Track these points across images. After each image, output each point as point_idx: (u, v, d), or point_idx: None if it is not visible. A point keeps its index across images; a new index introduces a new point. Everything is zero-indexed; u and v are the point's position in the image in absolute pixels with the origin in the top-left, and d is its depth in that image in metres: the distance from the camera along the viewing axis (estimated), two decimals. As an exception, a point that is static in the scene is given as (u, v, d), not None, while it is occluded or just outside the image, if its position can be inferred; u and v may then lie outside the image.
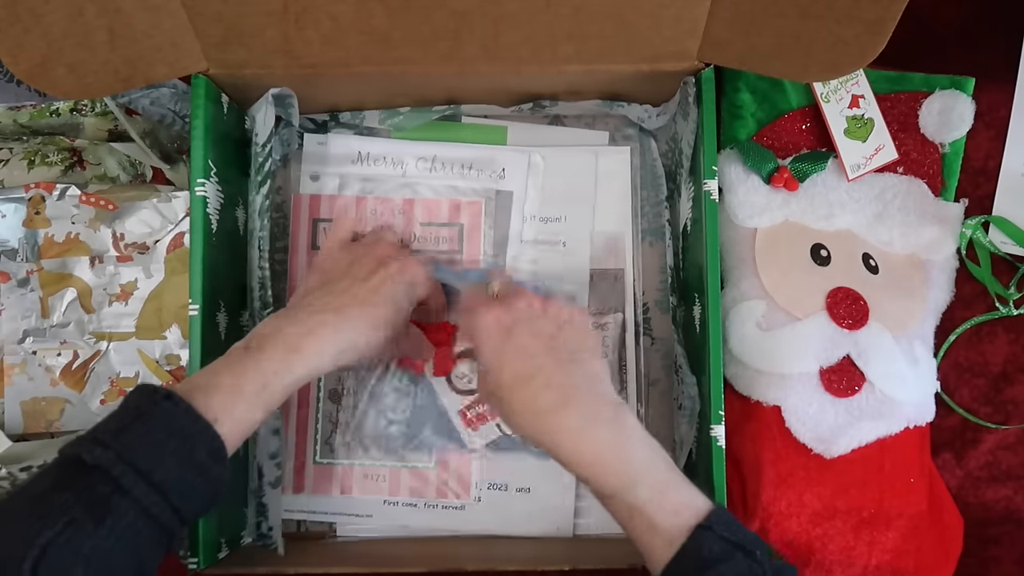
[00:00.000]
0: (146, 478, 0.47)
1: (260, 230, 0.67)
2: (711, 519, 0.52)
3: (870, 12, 0.54)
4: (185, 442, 0.49)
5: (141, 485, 0.47)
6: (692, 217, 0.69)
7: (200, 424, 0.50)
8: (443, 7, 0.58)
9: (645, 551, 0.54)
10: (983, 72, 0.74)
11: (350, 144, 0.75)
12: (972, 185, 0.77)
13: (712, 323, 0.64)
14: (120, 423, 0.49)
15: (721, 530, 0.52)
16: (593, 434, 0.55)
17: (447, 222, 0.75)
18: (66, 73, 0.57)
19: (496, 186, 0.75)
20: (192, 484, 0.49)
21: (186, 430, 0.50)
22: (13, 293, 0.73)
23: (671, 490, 0.54)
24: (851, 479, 0.68)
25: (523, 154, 0.75)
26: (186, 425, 0.50)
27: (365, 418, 0.73)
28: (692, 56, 0.63)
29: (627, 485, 0.54)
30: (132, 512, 0.47)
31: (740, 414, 0.69)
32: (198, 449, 0.50)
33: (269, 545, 0.69)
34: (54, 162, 0.75)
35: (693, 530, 0.52)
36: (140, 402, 0.50)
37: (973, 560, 0.74)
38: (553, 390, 0.56)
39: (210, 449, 0.50)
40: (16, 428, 0.73)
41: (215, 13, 0.58)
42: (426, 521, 0.73)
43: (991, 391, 0.76)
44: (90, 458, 0.47)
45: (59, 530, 0.44)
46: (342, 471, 0.73)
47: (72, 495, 0.46)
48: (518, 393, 0.56)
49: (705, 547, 0.51)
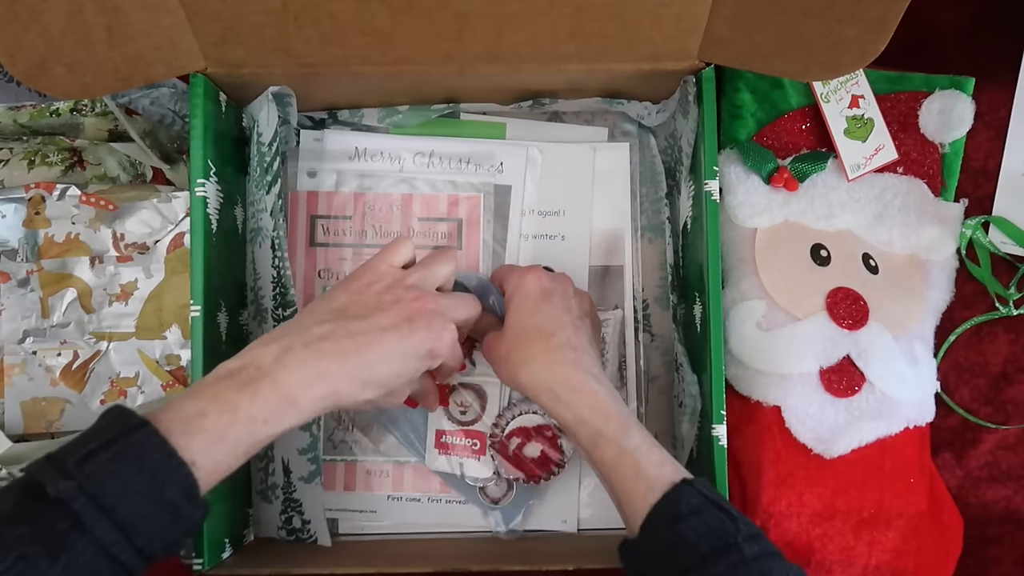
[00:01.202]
0: (109, 515, 0.45)
1: (274, 229, 0.67)
2: (694, 479, 0.55)
3: (872, 11, 0.54)
4: (155, 479, 0.46)
5: (103, 523, 0.44)
6: (692, 215, 0.69)
7: (174, 462, 0.47)
8: (446, 8, 0.58)
9: (626, 497, 0.56)
10: (983, 72, 0.74)
11: (347, 140, 0.75)
12: (972, 185, 0.77)
13: (713, 322, 0.64)
14: (87, 448, 0.46)
15: (701, 487, 0.54)
16: (595, 388, 0.59)
17: (445, 217, 0.74)
18: (65, 73, 0.57)
19: (494, 180, 0.75)
20: (159, 523, 0.47)
21: (159, 467, 0.47)
22: (13, 293, 0.73)
23: (657, 449, 0.58)
24: (851, 479, 0.68)
25: (521, 148, 0.75)
26: (159, 461, 0.47)
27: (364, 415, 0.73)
28: (693, 55, 0.63)
29: (621, 430, 0.57)
30: (90, 550, 0.44)
31: (740, 414, 0.69)
32: (169, 487, 0.47)
33: (306, 539, 0.69)
34: (54, 162, 0.75)
35: (676, 483, 0.54)
36: (112, 428, 0.47)
37: (973, 560, 0.74)
38: (571, 350, 0.61)
39: (183, 488, 0.47)
40: (16, 428, 0.73)
41: (214, 12, 0.58)
42: (430, 516, 0.73)
43: (991, 391, 0.76)
44: (52, 490, 0.44)
45: (9, 564, 0.42)
46: (345, 467, 0.73)
47: (28, 529, 0.43)
48: (539, 344, 0.61)
49: (684, 499, 0.53)
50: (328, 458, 0.73)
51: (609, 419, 0.58)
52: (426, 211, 0.74)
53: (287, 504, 0.69)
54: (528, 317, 0.62)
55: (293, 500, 0.69)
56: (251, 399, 0.51)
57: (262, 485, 0.71)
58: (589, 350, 0.62)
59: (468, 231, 0.74)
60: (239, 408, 0.50)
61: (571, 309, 0.63)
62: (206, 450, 0.49)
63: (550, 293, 0.63)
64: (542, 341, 0.61)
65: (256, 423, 0.51)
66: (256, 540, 0.71)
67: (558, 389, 0.59)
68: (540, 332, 0.61)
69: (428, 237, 0.74)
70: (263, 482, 0.70)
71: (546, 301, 0.62)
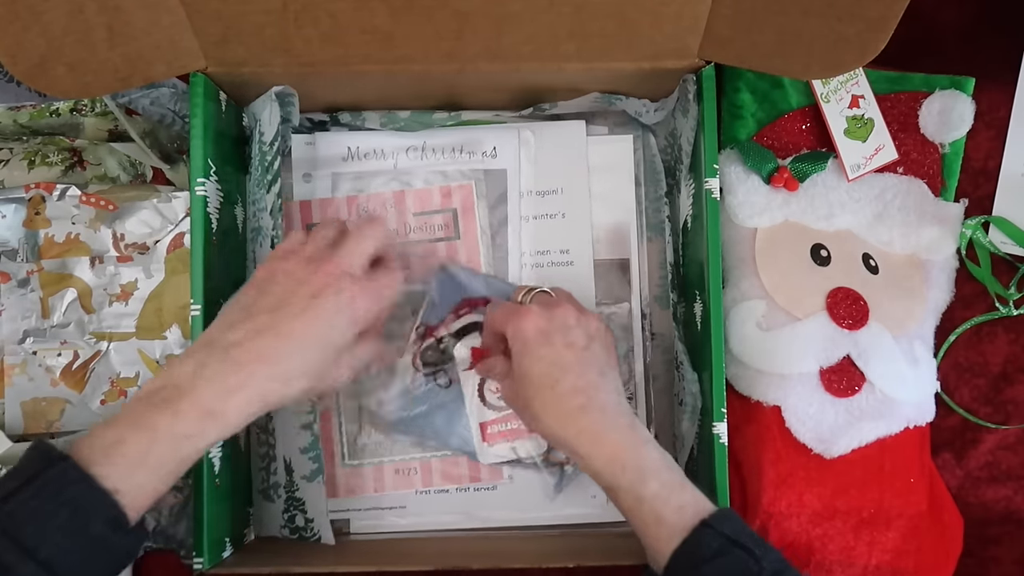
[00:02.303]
0: (31, 555, 0.44)
1: (273, 228, 0.67)
2: (714, 518, 0.54)
3: (872, 9, 0.54)
4: (77, 514, 0.46)
5: (27, 564, 0.44)
6: (692, 213, 0.69)
7: (96, 494, 0.46)
8: (446, 7, 0.58)
9: (650, 543, 0.56)
10: (983, 72, 0.74)
11: (340, 141, 0.74)
12: (972, 185, 0.77)
13: (714, 320, 0.64)
14: (8, 488, 0.46)
15: (721, 527, 0.53)
16: (609, 437, 0.58)
17: (439, 208, 0.74)
18: (65, 72, 0.57)
19: (485, 166, 0.74)
20: (88, 557, 0.46)
21: (79, 500, 0.46)
22: (13, 293, 0.73)
23: (678, 489, 0.56)
24: (851, 479, 0.68)
25: (512, 130, 0.75)
26: (79, 495, 0.46)
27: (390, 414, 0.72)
28: (693, 54, 0.63)
29: (639, 479, 0.56)
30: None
31: (740, 414, 0.69)
32: (94, 521, 0.46)
33: (309, 537, 0.69)
34: (54, 162, 0.75)
35: (695, 527, 0.53)
36: (32, 465, 0.47)
37: (973, 560, 0.74)
38: (579, 395, 0.59)
39: (107, 518, 0.47)
40: (16, 428, 0.73)
41: (214, 11, 0.58)
42: (459, 506, 0.73)
43: (991, 391, 0.76)
44: None
45: None
46: (373, 470, 0.73)
47: None
48: (546, 394, 0.59)
49: (704, 543, 0.53)
50: (355, 463, 0.73)
51: (625, 469, 0.56)
52: (420, 206, 0.74)
53: (289, 503, 0.69)
54: (531, 366, 0.60)
55: (296, 499, 0.69)
56: (171, 419, 0.50)
57: (264, 484, 0.70)
58: (599, 383, 0.60)
59: (464, 220, 0.74)
60: (158, 429, 0.49)
61: (574, 344, 0.60)
62: (128, 476, 0.48)
63: (548, 334, 0.60)
64: (547, 390, 0.59)
65: (179, 440, 0.50)
66: (257, 539, 0.71)
67: (572, 443, 0.58)
68: (544, 381, 0.59)
69: (425, 231, 0.74)
70: (265, 481, 0.70)
71: (545, 345, 0.60)
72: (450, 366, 0.72)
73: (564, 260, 0.74)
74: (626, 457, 0.57)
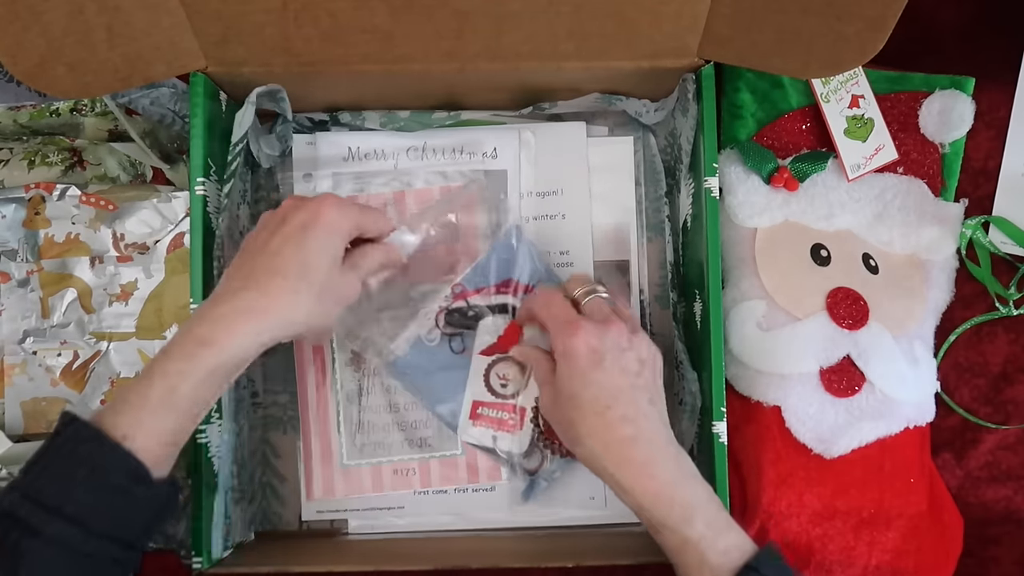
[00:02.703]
0: (58, 513, 0.45)
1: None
2: (758, 559, 0.54)
3: (871, 8, 0.55)
4: (95, 470, 0.47)
5: (55, 522, 0.45)
6: (692, 213, 0.69)
7: (107, 446, 0.48)
8: (445, 6, 0.58)
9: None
10: (983, 72, 0.75)
11: (340, 141, 0.74)
12: (972, 185, 0.77)
13: (713, 319, 0.64)
14: (31, 460, 0.47)
15: (766, 570, 0.53)
16: (656, 470, 0.57)
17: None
18: (65, 72, 0.57)
19: (486, 166, 0.74)
20: (117, 508, 0.47)
21: (94, 455, 0.47)
22: (13, 293, 0.73)
23: (723, 530, 0.56)
24: (851, 479, 0.68)
25: (513, 131, 0.75)
26: (93, 450, 0.47)
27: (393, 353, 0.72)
28: (692, 53, 0.63)
29: (685, 519, 0.55)
30: (49, 551, 0.45)
31: (740, 415, 0.69)
32: (112, 473, 0.47)
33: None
34: (54, 162, 0.75)
35: (740, 570, 0.53)
36: (52, 435, 0.48)
37: (973, 560, 0.74)
38: (628, 424, 0.57)
39: (125, 470, 0.48)
40: (16, 428, 0.73)
41: (214, 11, 0.58)
42: (457, 506, 0.73)
43: (991, 391, 0.76)
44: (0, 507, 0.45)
45: None
46: (371, 471, 0.73)
47: None
48: (593, 420, 0.58)
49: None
50: (353, 463, 0.73)
51: (672, 507, 0.56)
52: (419, 206, 0.74)
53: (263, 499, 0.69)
54: (581, 389, 0.58)
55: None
56: (163, 360, 0.52)
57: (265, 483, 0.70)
58: (649, 413, 0.59)
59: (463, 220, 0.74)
60: (153, 372, 0.51)
61: (627, 369, 0.59)
62: (136, 423, 0.49)
63: (601, 356, 0.58)
64: (595, 416, 0.57)
65: (171, 376, 0.51)
66: (256, 538, 0.71)
67: (618, 475, 0.57)
68: (593, 406, 0.58)
69: None
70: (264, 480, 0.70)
71: (597, 368, 0.58)
72: (469, 335, 0.71)
73: (564, 261, 0.74)
74: (673, 494, 0.56)
